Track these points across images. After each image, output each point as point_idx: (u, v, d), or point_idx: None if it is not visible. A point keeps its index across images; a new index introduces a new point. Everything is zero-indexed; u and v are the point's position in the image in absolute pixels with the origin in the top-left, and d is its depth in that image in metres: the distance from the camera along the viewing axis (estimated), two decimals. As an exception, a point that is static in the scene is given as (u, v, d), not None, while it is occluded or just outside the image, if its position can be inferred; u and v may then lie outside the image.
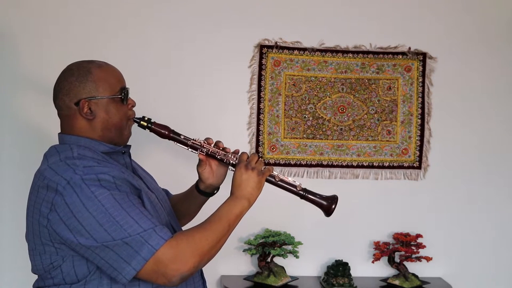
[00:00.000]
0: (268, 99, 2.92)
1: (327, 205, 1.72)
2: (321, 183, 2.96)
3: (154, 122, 1.68)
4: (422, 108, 2.99)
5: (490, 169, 3.05)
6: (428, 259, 2.89)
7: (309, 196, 1.72)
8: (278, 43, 2.91)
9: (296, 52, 2.93)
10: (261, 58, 2.90)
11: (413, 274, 2.88)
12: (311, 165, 2.96)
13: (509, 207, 3.08)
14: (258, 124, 2.93)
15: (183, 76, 2.87)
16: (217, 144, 1.76)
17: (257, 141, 2.93)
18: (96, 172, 1.44)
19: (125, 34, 2.82)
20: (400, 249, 2.89)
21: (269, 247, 2.81)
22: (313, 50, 2.93)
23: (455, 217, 3.05)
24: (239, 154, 1.72)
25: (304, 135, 2.95)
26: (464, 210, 3.05)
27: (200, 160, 1.78)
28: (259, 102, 2.92)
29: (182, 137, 1.72)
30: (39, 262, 1.52)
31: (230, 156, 1.73)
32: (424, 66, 2.98)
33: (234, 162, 1.72)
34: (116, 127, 1.60)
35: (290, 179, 1.73)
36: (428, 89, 2.99)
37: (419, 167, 3.01)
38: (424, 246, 2.90)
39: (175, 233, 1.47)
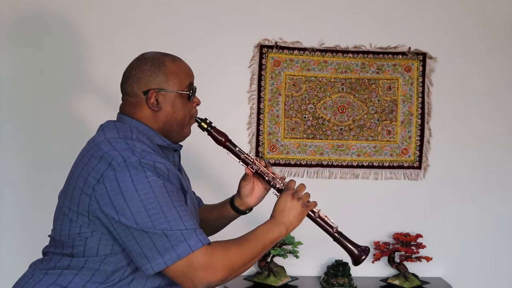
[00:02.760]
0: (268, 99, 2.92)
1: (358, 254, 1.71)
2: (321, 183, 2.96)
3: (214, 127, 1.70)
4: (422, 108, 2.99)
5: (490, 169, 3.05)
6: (428, 259, 2.89)
7: (343, 240, 1.72)
8: (278, 43, 2.91)
9: (296, 52, 2.93)
10: (261, 58, 2.90)
11: (413, 274, 2.88)
12: (311, 165, 2.96)
13: (509, 207, 3.08)
14: (258, 124, 2.93)
15: (183, 76, 2.87)
16: (266, 166, 1.77)
17: (257, 141, 2.93)
18: (153, 159, 1.44)
19: (125, 35, 2.82)
20: (400, 249, 2.89)
21: (269, 247, 2.80)
22: (313, 50, 2.93)
23: (455, 217, 3.05)
24: (287, 181, 1.72)
25: (304, 135, 2.95)
26: (464, 210, 3.05)
27: (246, 175, 1.78)
28: (259, 102, 2.92)
29: (237, 149, 1.73)
30: (66, 228, 1.50)
31: (277, 180, 1.74)
32: (424, 66, 2.98)
33: (280, 187, 1.73)
34: (178, 123, 1.61)
35: (330, 220, 1.72)
36: (428, 89, 2.99)
37: (419, 167, 3.01)
38: (424, 246, 2.90)
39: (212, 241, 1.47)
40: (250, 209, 1.85)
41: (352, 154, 2.98)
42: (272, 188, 1.76)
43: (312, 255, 2.95)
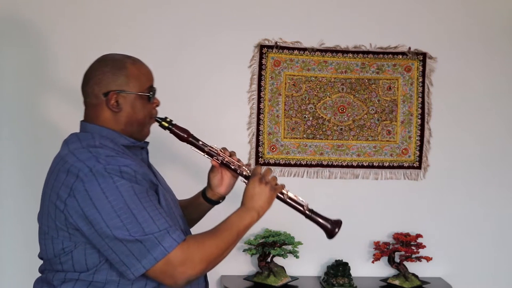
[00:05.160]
0: (268, 99, 2.92)
1: (331, 228, 1.76)
2: (321, 183, 2.96)
3: (175, 124, 1.71)
4: (422, 108, 2.99)
5: (490, 169, 3.05)
6: (428, 259, 2.89)
7: (315, 217, 1.76)
8: (278, 43, 2.91)
9: (296, 52, 2.93)
10: (261, 58, 2.90)
11: (413, 274, 2.88)
12: (311, 165, 2.96)
13: (509, 207, 3.08)
14: (258, 124, 2.93)
15: (184, 76, 2.87)
16: (231, 155, 1.79)
17: (257, 141, 2.93)
18: (118, 163, 1.46)
19: (126, 35, 2.81)
20: (400, 249, 2.89)
21: (269, 247, 2.80)
22: (313, 50, 2.93)
23: (455, 217, 3.05)
24: (254, 167, 1.75)
25: (304, 135, 2.95)
26: (464, 210, 3.05)
27: (212, 167, 1.81)
28: (259, 102, 2.92)
29: (201, 142, 1.75)
30: (50, 247, 1.52)
31: (243, 167, 1.76)
32: (424, 66, 2.98)
33: (247, 174, 1.75)
34: (139, 123, 1.62)
35: (299, 198, 1.75)
36: (428, 89, 2.99)
37: (419, 167, 3.01)
38: (424, 246, 2.90)
39: (186, 236, 1.49)
40: (223, 198, 1.88)
41: (352, 154, 2.98)
42: (239, 176, 1.79)
43: (312, 255, 2.95)
